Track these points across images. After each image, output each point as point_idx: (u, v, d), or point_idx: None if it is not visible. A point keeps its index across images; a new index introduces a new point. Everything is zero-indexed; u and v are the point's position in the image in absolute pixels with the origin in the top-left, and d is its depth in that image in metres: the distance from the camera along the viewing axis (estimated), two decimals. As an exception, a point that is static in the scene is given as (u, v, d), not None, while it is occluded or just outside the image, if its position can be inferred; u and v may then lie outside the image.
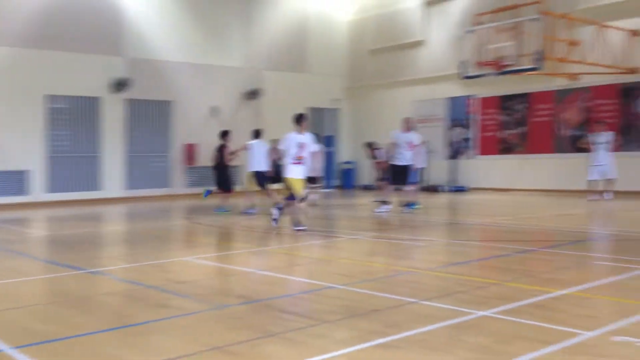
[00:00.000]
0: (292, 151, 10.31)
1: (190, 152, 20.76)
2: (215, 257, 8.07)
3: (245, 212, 14.16)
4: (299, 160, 10.36)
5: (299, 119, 10.57)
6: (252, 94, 22.02)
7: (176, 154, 20.67)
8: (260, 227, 11.77)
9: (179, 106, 20.62)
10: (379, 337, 4.26)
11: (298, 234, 10.12)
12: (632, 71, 17.22)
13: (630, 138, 17.08)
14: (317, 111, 24.09)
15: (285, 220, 10.76)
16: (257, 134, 15.13)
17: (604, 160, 15.56)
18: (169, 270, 7.29)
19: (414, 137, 13.65)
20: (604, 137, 15.67)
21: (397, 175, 13.55)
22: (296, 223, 10.40)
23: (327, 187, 22.90)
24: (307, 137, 10.52)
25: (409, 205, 13.84)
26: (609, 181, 15.67)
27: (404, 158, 13.44)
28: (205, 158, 20.99)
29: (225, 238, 10.28)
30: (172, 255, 8.46)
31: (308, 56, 23.71)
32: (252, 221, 13.07)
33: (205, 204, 16.53)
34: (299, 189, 10.37)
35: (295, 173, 10.34)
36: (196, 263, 7.68)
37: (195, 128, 20.86)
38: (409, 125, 13.70)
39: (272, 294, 5.85)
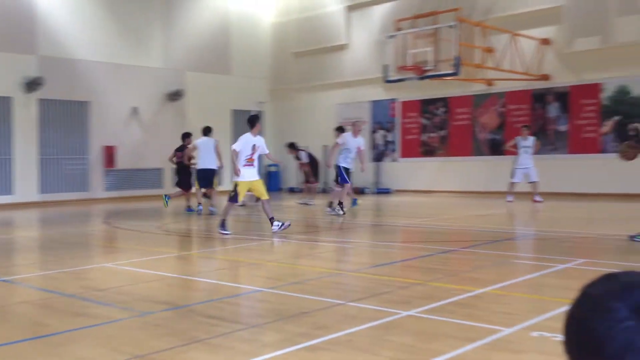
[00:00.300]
0: (245, 153, 10.28)
1: (109, 154, 20.13)
2: (136, 263, 7.85)
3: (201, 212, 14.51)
4: (250, 163, 10.34)
5: (253, 121, 10.61)
6: (174, 95, 21.61)
7: (94, 156, 19.99)
8: (184, 231, 11.56)
9: (97, 107, 19.95)
10: (307, 339, 4.26)
11: (223, 237, 10.02)
12: (543, 78, 18.05)
13: (542, 142, 17.86)
14: (241, 113, 23.90)
15: (211, 224, 10.61)
16: (206, 132, 14.93)
17: (528, 163, 15.93)
18: (87, 277, 7.03)
19: (362, 141, 14.06)
20: (529, 141, 16.07)
21: (350, 177, 13.87)
22: (223, 225, 10.30)
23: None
24: (259, 140, 10.56)
25: (354, 202, 14.99)
26: (533, 184, 16.02)
27: (352, 161, 13.80)
28: (125, 160, 20.47)
29: (147, 242, 10.02)
30: (90, 262, 8.18)
31: (231, 58, 23.51)
32: (178, 224, 12.82)
33: (128, 208, 16.08)
34: (243, 192, 10.46)
35: (247, 175, 10.33)
36: (116, 269, 7.45)
37: (114, 129, 20.26)
38: (358, 129, 13.87)
39: (197, 299, 5.74)
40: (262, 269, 7.46)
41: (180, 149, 15.61)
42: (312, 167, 17.42)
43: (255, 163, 10.64)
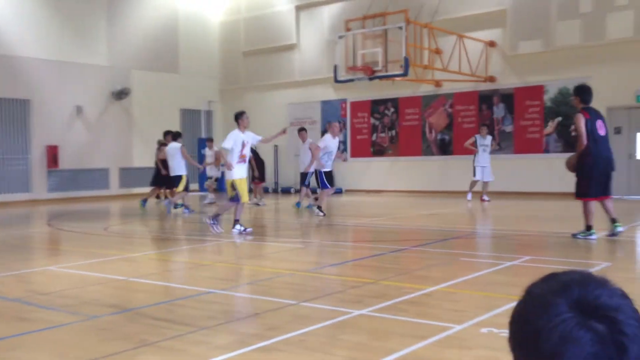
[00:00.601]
0: (237, 150, 10.12)
1: (52, 154, 19.56)
2: (82, 265, 7.65)
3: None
4: (242, 159, 10.28)
5: (239, 116, 10.49)
6: (120, 94, 21.15)
7: (37, 156, 19.38)
8: (131, 232, 11.33)
9: (39, 105, 19.35)
10: (260, 340, 4.23)
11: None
12: (489, 79, 18.46)
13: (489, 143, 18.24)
14: (191, 113, 23.63)
15: (160, 226, 10.43)
16: (175, 137, 15.03)
17: (486, 162, 16.06)
18: (31, 281, 6.81)
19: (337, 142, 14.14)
20: (488, 140, 16.18)
21: (330, 180, 13.62)
22: (215, 219, 10.37)
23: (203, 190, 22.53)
24: (247, 134, 10.49)
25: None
26: (485, 184, 16.19)
27: (332, 163, 13.59)
28: (69, 160, 19.93)
29: (92, 244, 9.77)
30: (34, 265, 7.92)
31: (179, 56, 23.18)
32: (124, 225, 12.57)
33: (73, 209, 15.66)
34: (245, 190, 10.37)
35: (241, 173, 10.30)
36: (61, 272, 7.24)
37: (57, 129, 19.70)
38: (338, 130, 13.85)
39: (146, 302, 5.63)
40: (212, 270, 7.37)
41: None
42: (258, 166, 17.32)
43: (247, 159, 10.61)
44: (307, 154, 14.61)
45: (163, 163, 15.85)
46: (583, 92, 8.54)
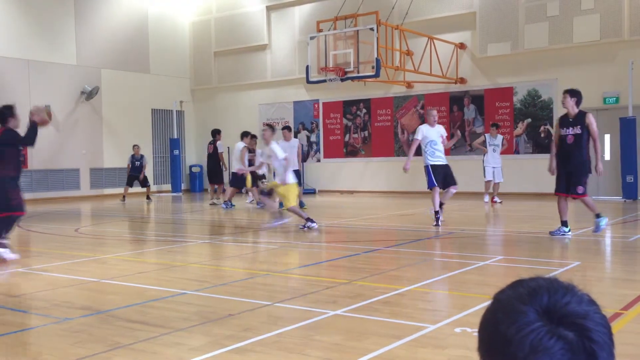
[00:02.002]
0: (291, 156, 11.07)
1: (21, 154, 19.19)
2: (53, 267, 7.54)
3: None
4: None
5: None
6: (89, 94, 20.86)
7: (4, 156, 19.01)
8: (102, 233, 11.19)
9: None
10: (234, 341, 4.22)
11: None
12: (460, 81, 18.67)
13: (460, 144, 18.42)
14: (162, 112, 23.42)
15: (130, 226, 10.31)
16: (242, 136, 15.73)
17: (496, 162, 15.57)
18: (0, 283, 6.69)
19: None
20: (498, 140, 15.63)
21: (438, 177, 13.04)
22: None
23: (175, 191, 22.37)
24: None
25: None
26: (496, 185, 15.65)
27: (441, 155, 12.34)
28: (39, 161, 19.61)
29: (63, 246, 9.63)
30: (3, 267, 7.77)
31: (149, 56, 22.96)
32: (96, 227, 12.41)
33: (43, 210, 15.40)
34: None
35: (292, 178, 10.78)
36: (31, 274, 7.13)
37: (25, 128, 19.33)
38: (431, 119, 13.35)
39: (119, 304, 5.57)
40: (186, 271, 7.32)
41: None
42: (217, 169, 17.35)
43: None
44: (293, 153, 14.55)
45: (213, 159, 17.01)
46: (579, 94, 8.95)
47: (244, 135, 15.80)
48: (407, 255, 8.12)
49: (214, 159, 17.16)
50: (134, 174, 19.21)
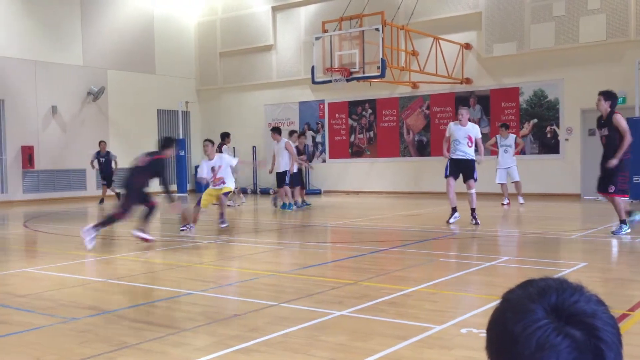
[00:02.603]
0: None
1: (27, 154, 19.29)
2: (59, 267, 7.56)
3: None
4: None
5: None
6: (95, 94, 20.93)
7: (12, 156, 19.10)
8: (108, 233, 11.21)
9: (13, 105, 19.08)
10: (240, 342, 4.22)
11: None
12: (465, 81, 18.63)
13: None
14: (168, 113, 23.47)
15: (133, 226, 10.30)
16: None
17: (508, 162, 15.23)
18: (7, 283, 6.71)
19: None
20: (509, 140, 15.26)
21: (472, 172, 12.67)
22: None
23: (180, 191, 22.40)
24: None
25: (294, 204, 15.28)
26: (516, 184, 15.25)
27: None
28: (45, 161, 19.68)
29: (69, 246, 9.65)
30: (9, 267, 7.81)
31: (155, 57, 23.02)
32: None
33: (50, 211, 15.44)
34: None
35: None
36: (38, 274, 7.15)
37: (32, 129, 19.45)
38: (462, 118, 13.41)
39: (125, 304, 5.59)
40: (192, 272, 7.33)
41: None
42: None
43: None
44: (283, 154, 14.72)
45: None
46: (614, 97, 9.12)
47: (293, 133, 16.01)
48: (413, 255, 8.11)
49: None
50: (104, 174, 18.23)
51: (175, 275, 7.15)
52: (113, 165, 18.36)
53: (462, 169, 11.11)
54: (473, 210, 11.11)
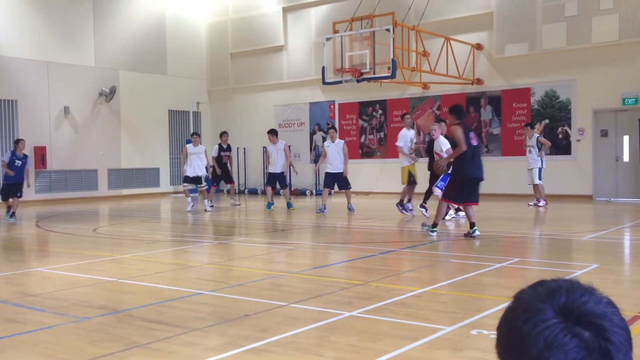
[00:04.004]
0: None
1: (40, 155, 19.42)
2: (71, 267, 7.61)
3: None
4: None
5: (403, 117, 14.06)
6: (107, 95, 21.05)
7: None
8: (119, 234, 11.28)
9: (26, 106, 19.22)
10: (250, 342, 4.23)
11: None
12: (476, 82, 18.57)
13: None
14: (179, 114, 23.56)
15: (145, 227, 10.37)
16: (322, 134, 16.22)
17: (532, 164, 15.02)
18: (20, 282, 6.77)
19: None
20: (533, 140, 14.93)
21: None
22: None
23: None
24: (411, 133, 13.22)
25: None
26: (534, 186, 15.03)
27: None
28: (58, 161, 19.81)
29: (81, 246, 9.72)
30: (22, 267, 7.87)
31: (167, 58, 23.11)
32: (113, 227, 12.51)
33: (62, 211, 15.52)
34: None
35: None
36: (50, 274, 7.20)
37: (45, 129, 19.58)
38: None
39: (136, 303, 5.61)
40: (202, 272, 7.36)
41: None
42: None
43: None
44: (280, 156, 15.01)
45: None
46: (458, 111, 9.57)
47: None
48: (423, 256, 8.09)
49: (219, 162, 17.04)
50: (13, 181, 14.18)
51: (186, 275, 7.18)
52: (27, 169, 14.51)
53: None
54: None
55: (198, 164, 15.65)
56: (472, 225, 9.44)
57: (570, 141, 17.44)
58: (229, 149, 17.40)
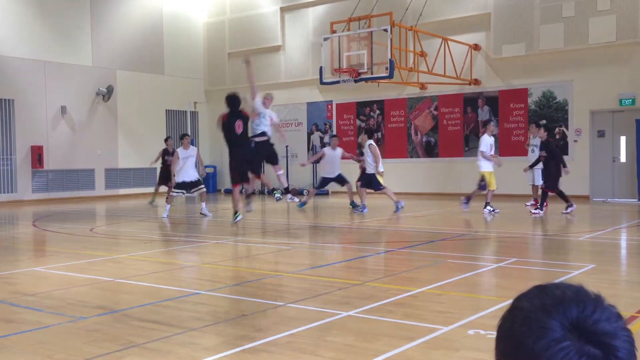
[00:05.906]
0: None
1: (37, 154, 19.39)
2: (68, 267, 7.60)
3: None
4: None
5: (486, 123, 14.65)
6: (104, 94, 21.02)
7: (22, 156, 19.22)
8: (116, 234, 11.26)
9: (22, 105, 19.18)
10: (247, 342, 4.23)
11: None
12: (474, 82, 18.58)
13: (474, 145, 18.35)
14: (176, 114, 23.54)
15: (142, 227, 10.37)
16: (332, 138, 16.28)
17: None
18: (16, 282, 6.76)
19: None
20: (537, 140, 14.41)
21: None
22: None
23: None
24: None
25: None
26: (533, 187, 14.91)
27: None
28: (55, 161, 19.78)
29: (78, 245, 9.71)
30: (18, 266, 7.85)
31: (164, 57, 23.09)
32: (110, 227, 12.50)
33: (59, 210, 15.51)
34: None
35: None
36: (47, 273, 7.19)
37: (42, 129, 19.55)
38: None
39: (133, 303, 5.61)
40: (199, 272, 7.36)
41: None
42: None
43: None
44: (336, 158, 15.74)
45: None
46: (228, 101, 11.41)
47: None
48: (420, 256, 8.09)
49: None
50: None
51: (183, 275, 7.17)
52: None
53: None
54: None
55: (189, 168, 14.40)
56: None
57: (567, 142, 17.47)
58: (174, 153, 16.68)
